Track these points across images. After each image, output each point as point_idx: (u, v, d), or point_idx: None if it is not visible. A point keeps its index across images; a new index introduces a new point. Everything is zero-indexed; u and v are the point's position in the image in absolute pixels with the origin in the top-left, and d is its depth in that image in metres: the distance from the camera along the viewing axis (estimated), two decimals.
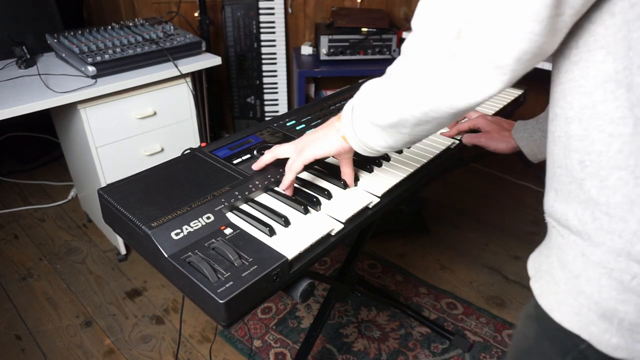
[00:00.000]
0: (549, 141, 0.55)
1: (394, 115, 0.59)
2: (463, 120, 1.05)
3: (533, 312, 0.59)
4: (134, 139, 1.73)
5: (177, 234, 0.66)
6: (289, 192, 0.79)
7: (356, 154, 0.73)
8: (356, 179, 0.84)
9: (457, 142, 1.01)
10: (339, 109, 1.09)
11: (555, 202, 0.53)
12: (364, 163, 0.89)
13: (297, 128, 0.99)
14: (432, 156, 0.94)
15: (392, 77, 0.58)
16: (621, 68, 0.43)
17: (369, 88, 0.65)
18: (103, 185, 1.00)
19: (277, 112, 2.66)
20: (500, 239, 2.06)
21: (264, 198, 0.79)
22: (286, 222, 0.72)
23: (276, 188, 0.81)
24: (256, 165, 0.83)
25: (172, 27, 1.83)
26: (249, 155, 0.88)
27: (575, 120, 0.48)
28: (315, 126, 0.99)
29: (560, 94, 0.50)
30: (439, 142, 1.00)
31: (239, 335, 1.59)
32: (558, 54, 0.50)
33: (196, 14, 2.32)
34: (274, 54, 2.51)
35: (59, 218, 2.22)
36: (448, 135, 1.03)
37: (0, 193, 2.41)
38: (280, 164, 0.85)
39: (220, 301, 0.57)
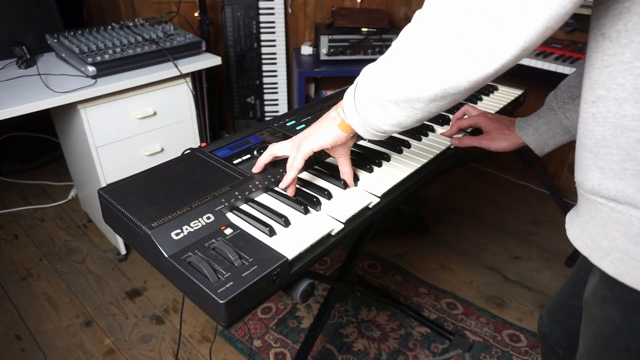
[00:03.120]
0: (585, 122, 0.57)
1: (409, 90, 0.57)
2: (464, 117, 1.05)
3: (608, 293, 0.61)
4: (134, 139, 1.73)
5: (177, 234, 0.66)
6: (290, 191, 0.79)
7: (354, 154, 0.73)
8: (356, 179, 0.84)
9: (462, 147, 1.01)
10: None
11: (605, 181, 0.55)
12: (364, 163, 0.89)
13: (297, 128, 0.99)
14: (432, 156, 0.94)
15: (405, 51, 0.56)
16: None
17: (374, 67, 0.63)
18: (103, 185, 1.00)
19: (277, 112, 2.66)
20: (500, 239, 2.06)
21: (264, 198, 0.79)
22: (286, 222, 0.72)
23: (276, 188, 0.81)
24: (256, 168, 0.83)
25: (172, 27, 1.83)
26: (249, 155, 0.88)
27: (629, 101, 0.50)
28: None
29: (607, 77, 0.51)
30: (439, 142, 1.00)
31: (239, 335, 1.59)
32: (602, 38, 0.51)
33: (196, 14, 2.32)
34: (274, 54, 2.51)
35: (59, 218, 2.22)
36: (448, 134, 1.03)
37: (0, 193, 2.41)
38: (279, 164, 0.85)
39: (221, 301, 0.57)
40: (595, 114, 0.54)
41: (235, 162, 0.85)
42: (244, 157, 0.87)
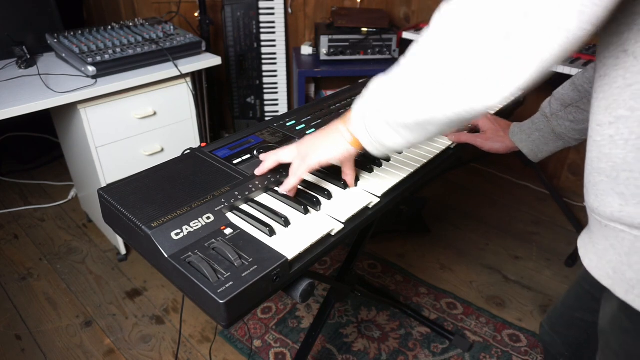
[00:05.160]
0: (599, 145, 0.54)
1: (421, 114, 0.55)
2: None
3: (631, 326, 0.58)
4: (134, 139, 1.73)
5: (177, 234, 0.66)
6: (290, 195, 0.79)
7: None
8: (356, 179, 0.84)
9: (456, 142, 1.01)
10: (339, 109, 1.09)
11: (627, 207, 0.52)
12: (364, 163, 0.89)
13: (297, 128, 0.99)
14: (432, 156, 0.94)
15: (417, 73, 0.54)
16: None
17: (384, 84, 0.61)
18: (103, 185, 1.00)
19: (277, 112, 2.66)
20: (500, 239, 2.06)
21: (264, 198, 0.79)
22: (286, 222, 0.72)
23: (276, 188, 0.81)
24: (259, 171, 0.82)
25: (172, 27, 1.83)
26: (249, 155, 0.88)
27: None
28: (316, 127, 1.00)
29: (630, 95, 0.49)
30: (438, 142, 1.00)
31: (239, 335, 1.59)
32: (624, 55, 0.49)
33: (196, 14, 2.32)
34: (274, 54, 2.51)
35: (59, 218, 2.22)
36: None
37: (0, 193, 2.41)
38: (280, 165, 0.85)
39: (221, 301, 0.57)
40: (614, 135, 0.51)
41: (235, 162, 0.85)
42: (244, 157, 0.87)
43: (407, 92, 0.56)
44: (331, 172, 0.86)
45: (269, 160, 0.81)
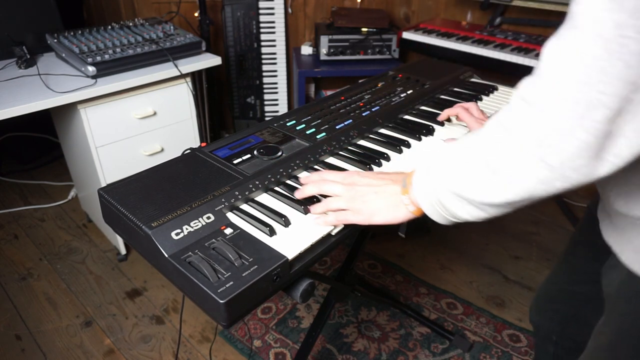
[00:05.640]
0: None
1: (520, 192, 0.52)
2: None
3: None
4: (134, 139, 1.73)
5: (177, 234, 0.66)
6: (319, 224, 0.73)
7: (354, 154, 0.72)
8: None
9: None
10: (339, 109, 1.09)
11: None
12: (364, 163, 0.89)
13: (297, 128, 0.99)
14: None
15: (511, 153, 0.51)
16: None
17: (462, 158, 0.58)
18: (103, 185, 1.00)
19: (277, 112, 2.66)
20: (500, 239, 2.06)
21: (264, 198, 0.79)
22: (286, 222, 0.72)
23: (277, 188, 0.81)
24: (299, 194, 0.77)
25: (172, 27, 1.83)
26: (249, 155, 0.88)
27: None
28: (316, 126, 0.99)
29: None
30: (439, 142, 1.00)
31: (239, 335, 1.59)
32: None
33: (196, 14, 2.32)
34: (274, 54, 2.51)
35: (59, 218, 2.22)
36: (441, 118, 1.06)
37: (0, 193, 2.41)
38: (279, 165, 0.85)
39: (221, 301, 0.57)
40: None
41: (235, 162, 0.85)
42: (244, 157, 0.87)
43: (490, 171, 0.54)
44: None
45: (312, 187, 0.76)
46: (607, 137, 0.45)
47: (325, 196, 0.76)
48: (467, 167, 0.57)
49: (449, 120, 1.08)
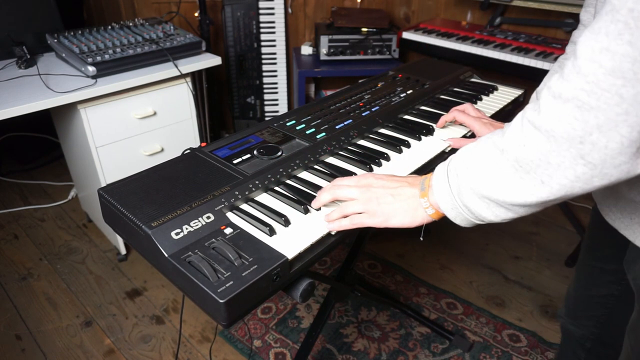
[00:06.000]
0: None
1: (557, 191, 0.51)
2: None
3: None
4: (134, 139, 1.73)
5: (177, 234, 0.66)
6: (334, 230, 0.72)
7: (354, 154, 0.72)
8: None
9: (452, 147, 1.01)
10: (339, 109, 1.09)
11: None
12: (364, 163, 0.89)
13: (297, 128, 0.99)
14: (432, 156, 0.94)
15: (548, 152, 0.50)
16: None
17: (488, 159, 0.57)
18: (103, 185, 1.00)
19: (277, 112, 2.66)
20: (500, 239, 2.06)
21: (264, 198, 0.79)
22: (286, 222, 0.72)
23: (276, 188, 0.81)
24: (315, 204, 0.75)
25: (172, 27, 1.83)
26: (249, 155, 0.88)
27: None
28: (316, 126, 0.99)
29: None
30: (439, 142, 1.00)
31: (239, 335, 1.59)
32: None
33: (196, 14, 2.32)
34: (274, 54, 2.52)
35: (59, 218, 2.22)
36: (439, 125, 1.04)
37: (0, 193, 2.41)
38: (279, 165, 0.85)
39: (221, 301, 0.57)
40: None
41: (235, 161, 0.85)
42: (244, 157, 0.87)
43: (523, 171, 0.53)
44: (331, 172, 0.86)
45: (326, 194, 0.74)
46: None
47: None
48: (494, 167, 0.55)
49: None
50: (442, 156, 0.97)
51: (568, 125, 0.47)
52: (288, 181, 0.84)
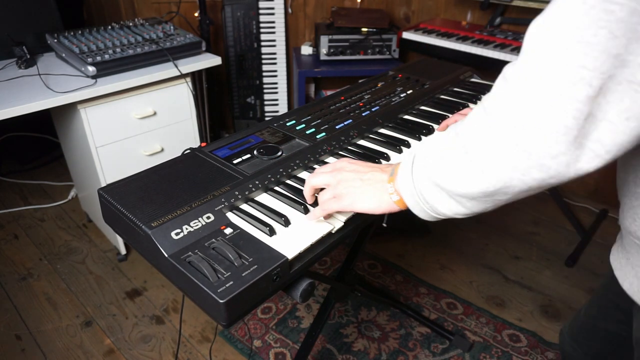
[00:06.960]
0: (637, 168, 0.50)
1: (495, 181, 0.49)
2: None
3: None
4: (134, 139, 1.73)
5: (177, 234, 0.66)
6: (312, 220, 0.73)
7: (354, 154, 0.72)
8: None
9: None
10: (339, 109, 1.09)
11: None
12: None
13: (297, 128, 0.99)
14: None
15: (488, 136, 0.48)
16: None
17: (445, 145, 0.54)
18: (103, 185, 1.00)
19: (277, 112, 2.66)
20: (500, 239, 2.06)
21: (264, 198, 0.79)
22: (286, 222, 0.72)
23: (276, 188, 0.81)
24: (306, 199, 0.76)
25: (172, 27, 1.83)
26: (249, 155, 0.88)
27: None
28: (316, 126, 0.99)
29: None
30: None
31: (239, 335, 1.59)
32: None
33: (196, 14, 2.32)
34: (274, 54, 2.52)
35: (59, 218, 2.22)
36: (440, 129, 1.03)
37: (0, 193, 2.41)
38: (278, 165, 0.85)
39: (221, 301, 0.57)
40: None
41: (235, 161, 0.85)
42: (244, 157, 0.87)
43: (474, 157, 0.50)
44: None
45: (306, 189, 0.74)
46: (588, 119, 0.40)
47: None
48: (447, 153, 0.53)
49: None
50: None
51: (506, 108, 0.45)
52: (288, 181, 0.84)
